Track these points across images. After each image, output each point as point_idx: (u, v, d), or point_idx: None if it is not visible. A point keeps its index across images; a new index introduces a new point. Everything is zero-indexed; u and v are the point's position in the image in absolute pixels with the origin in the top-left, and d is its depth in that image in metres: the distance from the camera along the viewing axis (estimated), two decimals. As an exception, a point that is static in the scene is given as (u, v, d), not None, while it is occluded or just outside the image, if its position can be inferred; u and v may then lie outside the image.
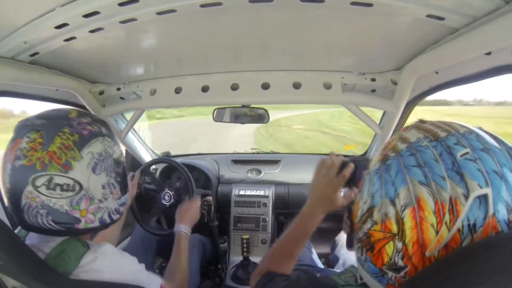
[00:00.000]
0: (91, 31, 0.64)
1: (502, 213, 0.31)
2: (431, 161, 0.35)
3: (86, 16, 0.58)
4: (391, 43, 0.77)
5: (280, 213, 1.61)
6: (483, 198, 0.32)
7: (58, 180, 0.51)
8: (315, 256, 1.17)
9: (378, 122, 1.30)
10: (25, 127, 0.53)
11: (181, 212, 1.09)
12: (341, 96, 1.02)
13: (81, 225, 0.55)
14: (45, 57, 0.79)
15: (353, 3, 0.54)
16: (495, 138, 0.37)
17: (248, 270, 1.30)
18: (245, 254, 1.27)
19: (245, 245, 1.25)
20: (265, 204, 1.55)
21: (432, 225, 0.33)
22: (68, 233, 0.56)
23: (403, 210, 0.34)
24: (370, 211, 0.39)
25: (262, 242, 1.51)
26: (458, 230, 0.32)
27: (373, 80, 1.01)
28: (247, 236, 1.23)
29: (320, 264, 1.16)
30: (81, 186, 0.53)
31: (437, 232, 0.32)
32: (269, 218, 1.53)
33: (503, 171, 0.33)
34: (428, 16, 0.56)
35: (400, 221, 0.35)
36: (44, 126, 0.53)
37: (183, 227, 1.02)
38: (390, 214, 0.36)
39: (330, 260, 1.40)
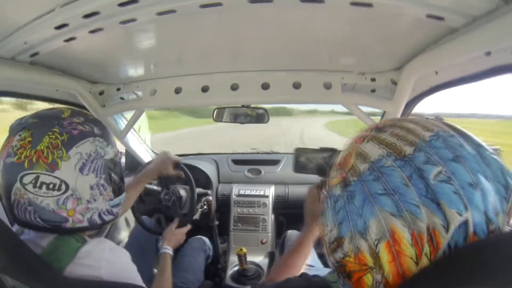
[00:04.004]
0: (91, 32, 0.64)
1: (482, 228, 0.30)
2: (401, 187, 0.31)
3: (86, 16, 0.58)
4: (391, 43, 0.77)
5: (280, 213, 1.61)
6: (464, 223, 0.29)
7: (44, 179, 0.52)
8: (314, 256, 1.17)
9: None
10: (19, 125, 0.55)
11: (169, 234, 1.12)
12: (341, 96, 1.02)
13: (68, 224, 0.56)
14: (45, 57, 0.79)
15: (353, 3, 0.54)
16: (460, 133, 0.34)
17: (245, 273, 1.30)
18: (243, 266, 1.28)
19: (243, 259, 1.25)
20: (264, 204, 1.55)
21: (412, 258, 0.30)
22: (56, 231, 0.56)
23: (377, 244, 0.31)
24: (338, 241, 0.35)
25: (262, 242, 1.51)
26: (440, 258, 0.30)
27: (373, 80, 1.00)
28: (244, 252, 1.23)
29: (319, 264, 1.16)
30: (67, 186, 0.54)
31: (417, 264, 0.30)
32: (269, 218, 1.53)
33: (477, 180, 0.30)
34: (428, 16, 0.56)
35: (375, 255, 0.31)
36: (35, 125, 0.55)
37: (168, 248, 1.05)
38: (362, 248, 0.32)
39: None
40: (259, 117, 1.39)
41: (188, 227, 1.21)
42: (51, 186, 0.53)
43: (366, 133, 0.38)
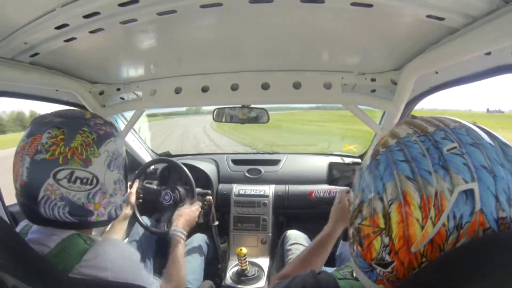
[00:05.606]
0: (91, 32, 0.64)
1: (490, 210, 0.31)
2: (419, 156, 0.35)
3: (86, 16, 0.58)
4: (391, 43, 0.77)
5: (280, 213, 1.61)
6: (470, 193, 0.31)
7: (78, 174, 0.56)
8: None
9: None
10: (45, 124, 0.57)
11: (179, 216, 1.09)
12: (341, 96, 1.02)
13: (93, 218, 0.59)
14: (45, 57, 0.79)
15: (353, 4, 0.54)
16: (488, 133, 0.36)
17: (245, 273, 1.30)
18: (243, 266, 1.28)
19: (242, 259, 1.25)
20: (265, 204, 1.55)
21: (418, 220, 0.32)
22: (80, 225, 0.59)
23: (390, 204, 0.35)
24: (360, 206, 0.39)
25: (262, 242, 1.51)
26: (444, 225, 0.31)
27: (373, 80, 1.01)
28: (244, 253, 1.23)
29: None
30: (98, 180, 0.58)
31: (422, 227, 0.32)
32: (269, 218, 1.53)
33: (492, 166, 0.32)
34: (428, 16, 0.57)
35: (387, 216, 0.35)
36: (65, 124, 0.57)
37: (179, 231, 1.01)
38: (378, 209, 0.36)
39: (337, 257, 1.40)
40: (259, 117, 1.39)
41: (198, 205, 1.19)
42: (84, 180, 0.56)
43: (403, 120, 0.43)
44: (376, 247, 0.36)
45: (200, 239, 1.40)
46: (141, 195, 1.29)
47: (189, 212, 1.14)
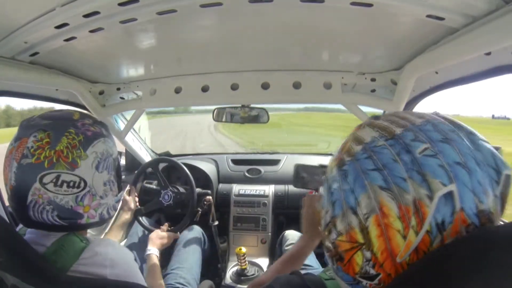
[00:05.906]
0: (91, 31, 0.64)
1: (470, 206, 0.30)
2: (390, 162, 0.32)
3: (86, 16, 0.58)
4: (391, 43, 0.77)
5: (280, 213, 1.61)
6: (449, 195, 0.30)
7: (65, 177, 0.55)
8: (312, 256, 1.17)
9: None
10: (31, 127, 0.56)
11: (161, 237, 1.19)
12: (341, 96, 1.02)
13: (83, 221, 0.59)
14: (45, 57, 0.79)
15: (353, 3, 0.54)
16: (453, 123, 0.35)
17: (245, 273, 1.30)
18: (242, 266, 1.28)
19: (242, 259, 1.25)
20: (264, 204, 1.55)
21: (399, 231, 0.31)
22: (70, 228, 0.58)
23: (367, 218, 0.33)
24: (332, 221, 0.37)
25: (262, 242, 1.51)
26: (427, 232, 0.30)
27: (373, 80, 1.01)
28: (243, 252, 1.23)
29: (318, 264, 1.16)
30: (85, 183, 0.57)
31: (404, 238, 0.31)
32: (269, 217, 1.53)
33: (465, 160, 0.31)
34: (428, 16, 0.57)
35: (365, 230, 0.33)
36: (51, 126, 0.56)
37: (153, 249, 1.11)
38: (353, 224, 0.34)
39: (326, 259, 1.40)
40: (259, 117, 1.39)
41: (177, 235, 1.26)
42: (71, 184, 0.55)
43: (364, 122, 0.40)
44: (358, 261, 0.34)
45: (194, 232, 1.39)
46: (138, 202, 1.29)
47: (172, 237, 1.24)
